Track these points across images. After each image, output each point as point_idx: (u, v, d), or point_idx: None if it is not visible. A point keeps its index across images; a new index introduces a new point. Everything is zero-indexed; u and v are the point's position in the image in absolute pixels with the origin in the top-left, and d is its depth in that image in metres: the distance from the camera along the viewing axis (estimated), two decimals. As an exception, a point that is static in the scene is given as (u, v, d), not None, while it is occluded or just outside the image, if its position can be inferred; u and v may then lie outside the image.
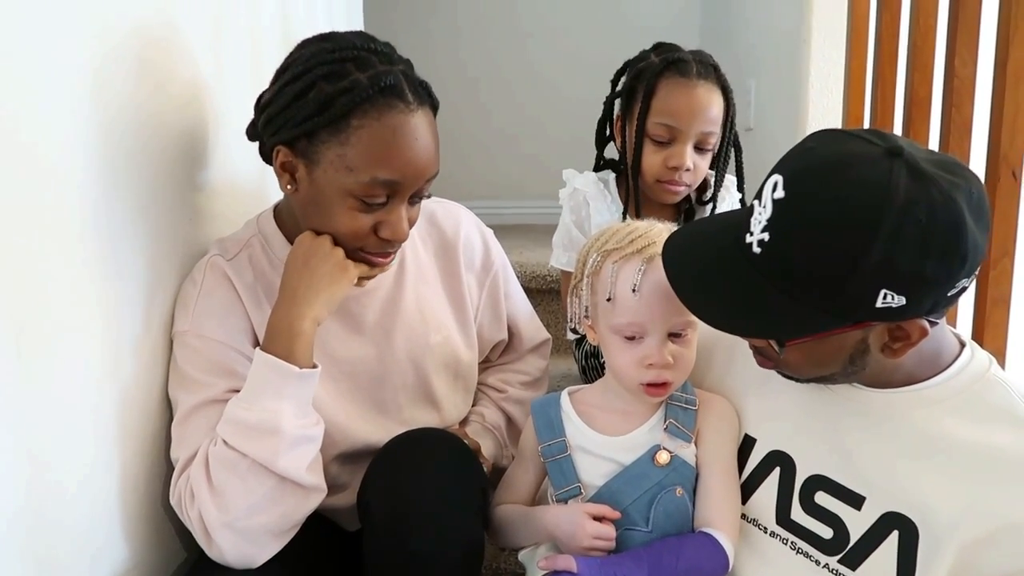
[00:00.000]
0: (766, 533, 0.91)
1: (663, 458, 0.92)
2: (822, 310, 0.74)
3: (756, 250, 0.76)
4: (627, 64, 1.41)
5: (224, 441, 0.91)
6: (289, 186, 0.97)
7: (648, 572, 0.87)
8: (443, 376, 1.15)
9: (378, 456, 1.00)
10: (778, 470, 0.91)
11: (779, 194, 0.74)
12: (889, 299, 0.71)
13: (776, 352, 0.81)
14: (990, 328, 1.31)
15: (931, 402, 0.82)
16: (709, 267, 0.82)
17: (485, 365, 1.28)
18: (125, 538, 0.95)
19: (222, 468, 0.90)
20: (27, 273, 0.77)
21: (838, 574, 0.84)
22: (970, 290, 0.79)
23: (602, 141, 1.49)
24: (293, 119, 0.92)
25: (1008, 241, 1.28)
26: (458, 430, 1.16)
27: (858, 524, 0.83)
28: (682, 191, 1.37)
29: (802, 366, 0.83)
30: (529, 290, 1.81)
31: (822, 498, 0.86)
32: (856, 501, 0.84)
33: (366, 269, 1.00)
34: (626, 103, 1.39)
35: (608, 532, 0.89)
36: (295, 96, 0.92)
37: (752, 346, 0.87)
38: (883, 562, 0.81)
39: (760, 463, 0.93)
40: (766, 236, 0.75)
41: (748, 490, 0.93)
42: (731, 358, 0.99)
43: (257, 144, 1.02)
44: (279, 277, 1.00)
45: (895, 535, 0.81)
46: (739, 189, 1.46)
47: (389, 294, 1.11)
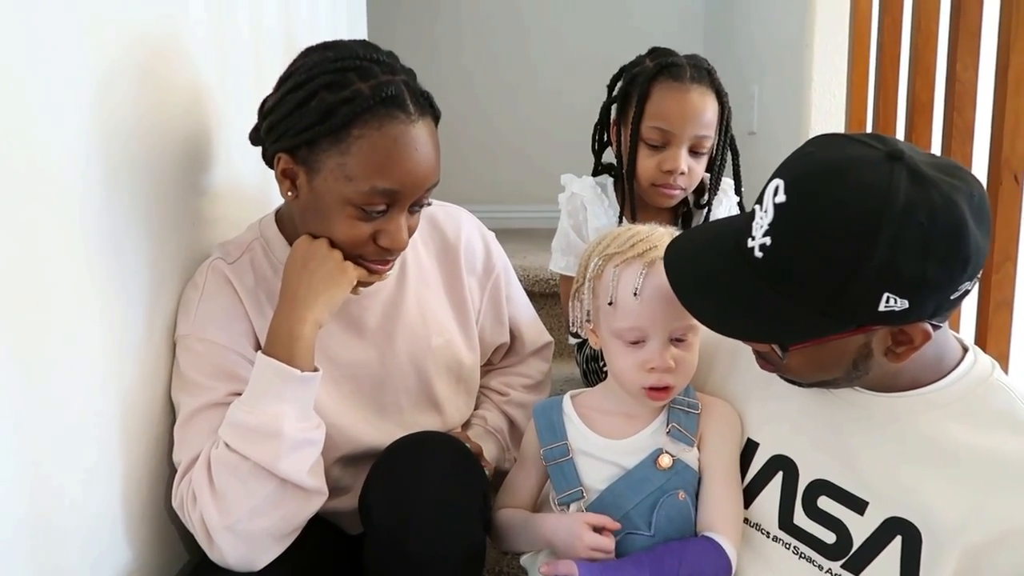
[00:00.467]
0: (768, 537, 0.91)
1: (665, 462, 0.92)
2: (824, 314, 0.74)
3: (758, 254, 0.76)
4: (623, 69, 1.42)
5: (226, 444, 0.91)
6: (289, 193, 0.97)
7: (650, 576, 0.87)
8: (445, 379, 1.15)
9: (380, 459, 1.00)
10: (781, 474, 0.91)
11: (780, 198, 0.74)
12: (892, 303, 0.71)
13: (779, 356, 0.80)
14: (993, 332, 1.31)
15: (934, 407, 0.82)
16: (711, 272, 0.82)
17: (487, 368, 1.28)
18: (128, 541, 0.95)
19: (224, 471, 0.91)
20: (31, 278, 0.77)
21: (840, 579, 0.84)
22: (972, 294, 0.79)
23: (600, 145, 1.50)
24: (294, 127, 0.93)
25: (1010, 245, 1.28)
26: (460, 433, 1.16)
27: (861, 529, 0.83)
28: (677, 195, 1.38)
29: (805, 370, 0.83)
30: (531, 294, 1.81)
31: (825, 503, 0.86)
32: (859, 506, 0.84)
33: (364, 274, 1.00)
34: (621, 107, 1.40)
35: (607, 544, 0.88)
36: (297, 104, 0.93)
37: (754, 350, 0.87)
38: (886, 567, 0.81)
39: (763, 467, 0.93)
40: (767, 240, 0.75)
41: (751, 494, 0.93)
42: (733, 362, 0.99)
43: (260, 149, 1.03)
44: (280, 281, 1.00)
45: (898, 540, 0.81)
46: (736, 192, 1.47)
47: (391, 297, 1.11)
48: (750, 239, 0.77)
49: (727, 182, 1.47)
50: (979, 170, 1.27)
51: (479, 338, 1.20)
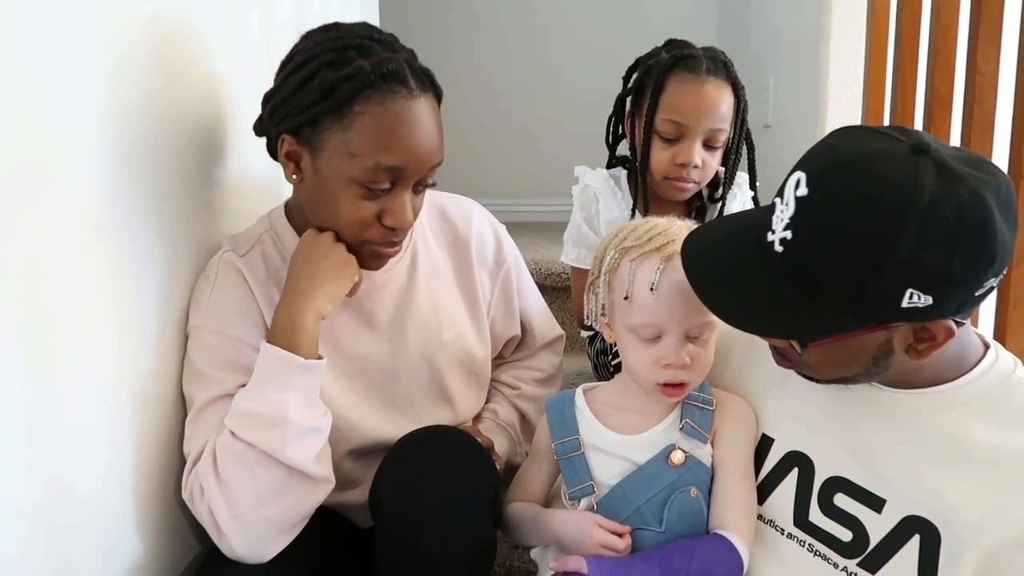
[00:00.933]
0: (783, 535, 0.90)
1: (677, 458, 0.91)
2: (845, 310, 0.72)
3: (778, 248, 0.75)
4: (638, 61, 1.41)
5: (231, 432, 0.91)
6: (295, 176, 0.98)
7: (660, 574, 0.86)
8: (456, 372, 1.15)
9: (390, 453, 1.00)
10: (796, 471, 0.90)
11: (802, 191, 0.73)
12: (915, 299, 0.69)
13: (797, 353, 0.79)
14: (1012, 328, 1.29)
15: (955, 404, 0.80)
16: (729, 266, 0.80)
17: (498, 362, 1.27)
18: (139, 534, 0.95)
19: (229, 459, 0.91)
20: (43, 271, 0.77)
21: (857, 578, 0.83)
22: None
23: (614, 138, 1.49)
24: (297, 106, 0.93)
25: (1031, 240, 1.27)
26: (471, 427, 1.16)
27: (878, 527, 0.82)
28: (691, 188, 1.36)
29: (823, 367, 0.82)
30: (544, 288, 1.81)
31: (841, 500, 0.85)
32: (876, 504, 0.82)
33: (359, 272, 1.01)
34: (635, 99, 1.39)
35: (617, 543, 0.88)
36: (299, 84, 0.94)
37: (772, 346, 0.85)
38: (903, 566, 0.80)
39: (778, 464, 0.92)
40: (788, 234, 0.74)
41: (765, 491, 0.92)
42: (748, 357, 0.98)
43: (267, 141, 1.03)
44: None
45: (916, 539, 0.79)
46: (751, 186, 1.45)
47: (401, 290, 1.11)
48: (770, 233, 0.76)
49: (742, 176, 1.45)
50: (999, 164, 1.25)
51: (490, 331, 1.20)
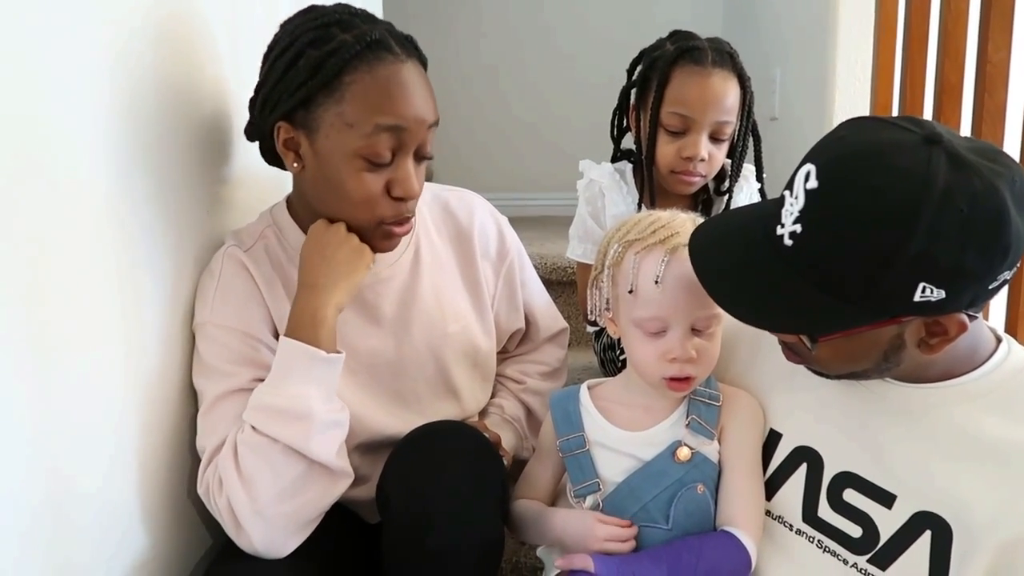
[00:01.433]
0: (792, 531, 0.89)
1: (684, 454, 0.90)
2: (857, 305, 0.71)
3: (788, 242, 0.74)
4: (643, 52, 1.39)
5: (253, 427, 0.91)
6: (296, 164, 0.98)
7: (667, 572, 0.85)
8: (462, 365, 1.15)
9: (397, 448, 0.99)
10: (805, 466, 0.89)
11: (812, 184, 0.71)
12: (928, 293, 0.68)
13: (807, 348, 0.78)
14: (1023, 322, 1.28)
15: (968, 398, 0.79)
16: (738, 261, 0.79)
17: (503, 356, 1.27)
18: (146, 529, 0.95)
19: (252, 454, 0.90)
20: (47, 266, 0.76)
21: (867, 574, 0.82)
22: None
23: (619, 131, 1.47)
24: (287, 90, 0.94)
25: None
26: (477, 422, 1.15)
27: (889, 523, 0.81)
28: (697, 182, 1.35)
29: (833, 362, 0.81)
30: (549, 282, 1.80)
31: (851, 496, 0.84)
32: (887, 499, 0.81)
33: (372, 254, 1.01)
34: (640, 92, 1.37)
35: (620, 533, 0.87)
36: (285, 68, 0.94)
37: (781, 341, 0.84)
38: (915, 563, 0.79)
39: (786, 459, 0.91)
40: (798, 228, 0.72)
41: (773, 486, 0.91)
42: (755, 351, 0.97)
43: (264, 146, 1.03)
44: (295, 267, 1.00)
45: (927, 535, 0.78)
46: (758, 179, 1.44)
47: (406, 284, 1.11)
48: (779, 226, 0.75)
49: (748, 168, 1.44)
50: (1010, 154, 1.24)
51: (495, 324, 1.19)
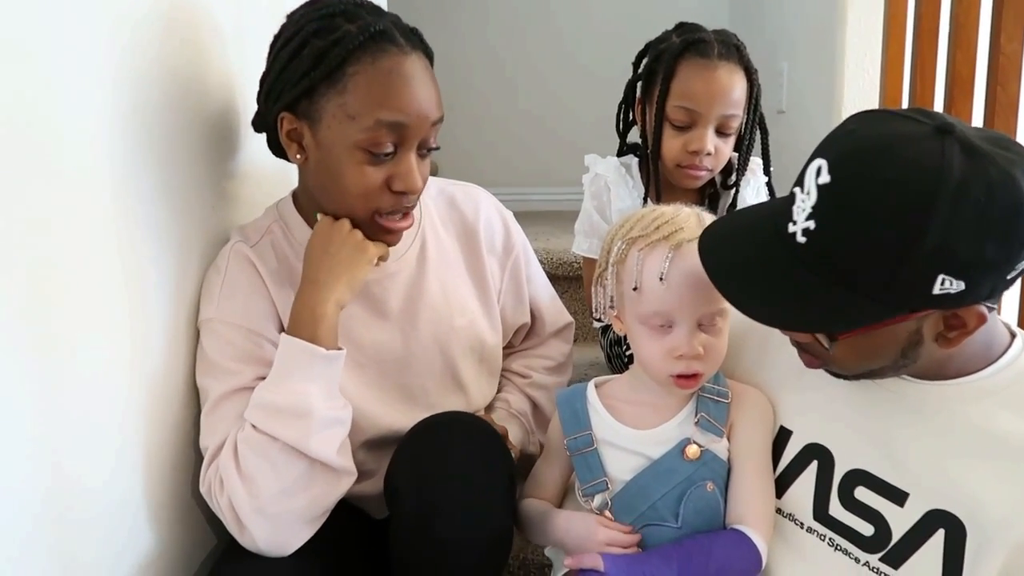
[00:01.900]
0: (803, 529, 0.88)
1: (693, 452, 0.89)
2: (875, 300, 0.70)
3: (801, 239, 0.73)
4: (648, 45, 1.38)
5: (253, 426, 0.91)
6: (299, 155, 0.98)
7: (678, 571, 0.85)
8: (469, 360, 1.14)
9: (404, 441, 0.98)
10: (815, 463, 0.88)
11: (824, 179, 0.70)
12: (947, 285, 0.67)
13: (824, 347, 0.77)
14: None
15: (983, 394, 0.78)
16: (750, 260, 0.78)
17: (508, 351, 1.26)
18: (151, 527, 0.94)
19: (252, 453, 0.90)
20: (52, 262, 0.76)
21: (879, 572, 0.81)
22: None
23: (625, 125, 1.46)
24: (291, 79, 0.94)
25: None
26: (484, 416, 1.15)
27: (901, 521, 0.80)
28: (703, 176, 1.34)
29: (851, 361, 0.79)
30: (556, 277, 1.79)
31: (862, 493, 0.83)
32: (899, 497, 0.80)
33: (384, 248, 1.00)
34: (646, 86, 1.36)
35: (622, 539, 0.87)
36: (289, 58, 0.94)
37: (796, 343, 0.83)
38: (928, 561, 0.78)
39: (796, 456, 0.90)
40: (811, 224, 0.71)
41: (784, 484, 0.90)
42: (764, 346, 0.96)
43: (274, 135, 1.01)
44: (301, 263, 1.00)
45: (941, 533, 0.77)
46: (765, 172, 1.42)
47: (412, 278, 1.10)
48: (791, 223, 0.74)
49: (755, 162, 1.43)
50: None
51: (501, 318, 1.19)
